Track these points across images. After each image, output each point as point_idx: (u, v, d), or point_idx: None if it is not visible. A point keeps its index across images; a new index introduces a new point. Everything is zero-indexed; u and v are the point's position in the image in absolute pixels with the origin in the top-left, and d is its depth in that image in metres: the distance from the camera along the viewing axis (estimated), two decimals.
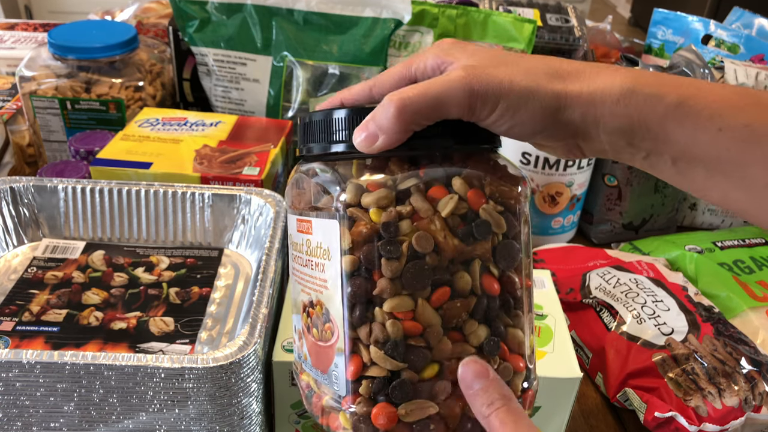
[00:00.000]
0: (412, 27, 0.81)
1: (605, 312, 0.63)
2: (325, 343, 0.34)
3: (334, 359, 0.33)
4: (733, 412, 0.54)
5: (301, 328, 0.37)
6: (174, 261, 0.58)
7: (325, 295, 0.34)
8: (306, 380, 0.38)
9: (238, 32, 0.78)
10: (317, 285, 0.35)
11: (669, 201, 0.85)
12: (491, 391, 0.32)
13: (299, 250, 0.37)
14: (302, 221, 0.36)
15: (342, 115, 0.34)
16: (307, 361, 0.37)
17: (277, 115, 0.80)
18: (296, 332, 0.39)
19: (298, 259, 0.37)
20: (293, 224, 0.37)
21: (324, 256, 0.34)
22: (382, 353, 0.32)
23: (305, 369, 0.38)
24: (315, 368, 0.36)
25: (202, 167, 0.63)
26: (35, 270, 0.55)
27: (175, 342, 0.49)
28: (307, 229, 0.35)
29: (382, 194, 0.32)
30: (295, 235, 0.37)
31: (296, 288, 0.38)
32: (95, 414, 0.41)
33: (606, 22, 1.11)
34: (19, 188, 0.58)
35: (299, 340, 0.38)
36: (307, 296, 0.36)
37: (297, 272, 0.37)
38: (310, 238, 0.35)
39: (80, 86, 0.76)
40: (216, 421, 0.42)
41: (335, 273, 0.33)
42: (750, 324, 0.65)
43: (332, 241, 0.33)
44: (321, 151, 0.35)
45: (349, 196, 0.33)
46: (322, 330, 0.34)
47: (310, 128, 0.36)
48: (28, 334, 0.49)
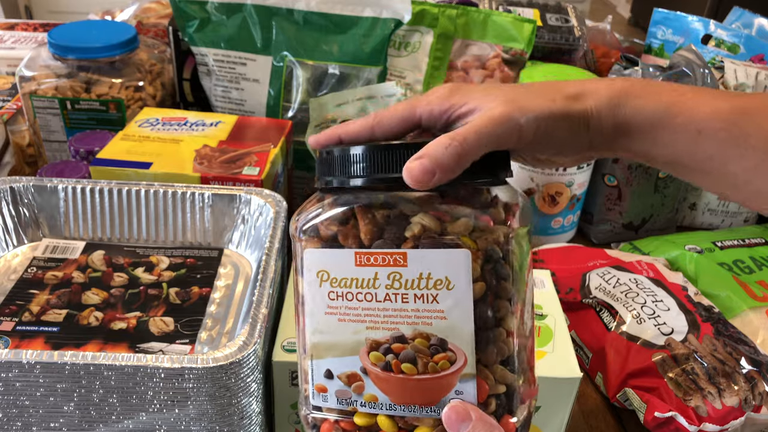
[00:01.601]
0: (412, 27, 0.81)
1: (605, 312, 0.63)
2: (437, 374, 0.34)
3: (456, 386, 0.34)
4: (732, 412, 0.54)
5: (364, 368, 0.35)
6: (174, 261, 0.58)
7: (440, 325, 0.34)
8: (362, 422, 0.36)
9: (238, 32, 0.78)
10: (420, 317, 0.34)
11: (669, 201, 0.85)
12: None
13: (364, 285, 0.35)
14: (377, 254, 0.34)
15: (401, 149, 0.34)
16: (377, 402, 0.35)
17: (277, 115, 0.80)
18: (338, 377, 0.36)
19: (357, 296, 0.35)
20: (344, 258, 0.35)
21: (437, 287, 0.34)
22: (507, 370, 0.35)
23: (366, 410, 0.35)
24: (407, 405, 0.35)
25: (202, 167, 0.63)
26: (35, 270, 0.55)
27: (175, 342, 0.49)
28: (390, 261, 0.34)
29: (470, 223, 0.34)
30: (352, 271, 0.35)
31: (347, 328, 0.35)
32: (95, 414, 0.41)
33: (606, 22, 1.11)
34: (19, 188, 0.58)
35: (355, 382, 0.35)
36: (389, 332, 0.34)
37: (354, 310, 0.35)
38: (402, 270, 0.34)
39: (80, 86, 0.76)
40: (216, 421, 0.42)
41: (459, 300, 0.34)
42: (750, 324, 0.65)
43: (454, 270, 0.33)
44: (375, 183, 0.35)
45: (458, 229, 0.34)
46: (429, 362, 0.34)
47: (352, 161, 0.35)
48: (28, 334, 0.49)
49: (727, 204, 0.88)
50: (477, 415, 0.33)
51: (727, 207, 0.88)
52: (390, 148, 0.34)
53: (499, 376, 0.34)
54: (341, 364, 0.36)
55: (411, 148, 0.34)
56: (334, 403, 0.36)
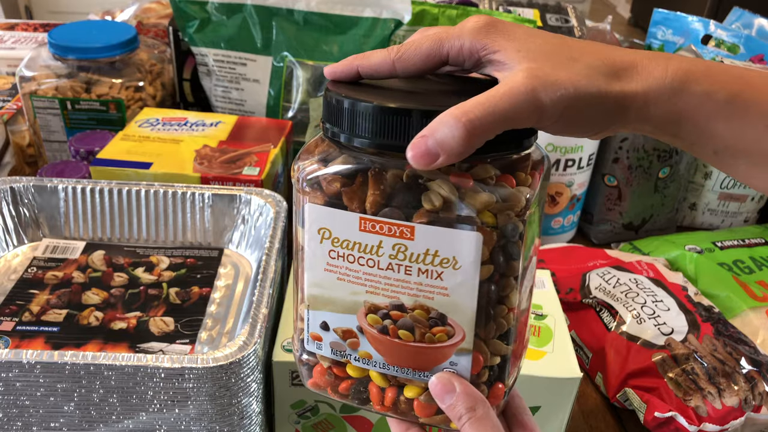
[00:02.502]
0: (412, 27, 0.81)
1: (605, 312, 0.63)
2: (433, 345, 0.34)
3: (451, 358, 0.34)
4: (732, 412, 0.54)
5: (360, 327, 0.35)
6: (174, 261, 0.58)
7: (442, 300, 0.33)
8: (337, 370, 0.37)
9: (238, 32, 0.78)
10: (422, 291, 0.34)
11: (669, 201, 0.85)
12: (459, 405, 0.33)
13: (367, 251, 0.34)
14: (383, 223, 0.33)
15: (418, 115, 0.31)
16: (371, 360, 0.35)
17: (277, 115, 0.80)
18: (334, 330, 0.36)
19: (359, 260, 0.34)
20: (348, 221, 0.34)
21: (443, 265, 0.33)
22: (503, 343, 0.35)
23: (359, 365, 0.36)
24: (400, 367, 0.35)
25: (202, 167, 0.63)
26: (35, 270, 0.55)
27: (175, 342, 0.49)
28: (397, 233, 0.33)
29: (492, 199, 0.32)
30: (355, 235, 0.34)
31: (346, 287, 0.35)
32: (95, 414, 0.41)
33: (606, 22, 1.11)
34: (19, 188, 0.58)
35: (350, 338, 0.36)
36: (388, 299, 0.34)
37: (355, 273, 0.34)
38: (408, 243, 0.33)
39: (80, 86, 0.76)
40: (216, 421, 0.42)
41: (464, 280, 0.33)
42: (750, 324, 0.65)
43: (462, 251, 0.32)
44: (386, 149, 0.32)
45: (479, 205, 0.31)
46: (427, 333, 0.34)
47: (374, 117, 0.32)
48: (28, 334, 0.49)
49: (727, 204, 0.88)
50: (462, 388, 0.34)
51: (727, 207, 0.88)
52: (405, 113, 0.31)
53: (495, 349, 0.35)
54: (338, 319, 0.36)
55: (430, 115, 0.31)
56: (328, 353, 0.36)
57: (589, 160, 0.78)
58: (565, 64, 0.32)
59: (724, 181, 0.86)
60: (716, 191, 0.87)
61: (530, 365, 0.48)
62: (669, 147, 0.80)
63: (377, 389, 0.36)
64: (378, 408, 0.36)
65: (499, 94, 0.31)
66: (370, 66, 0.35)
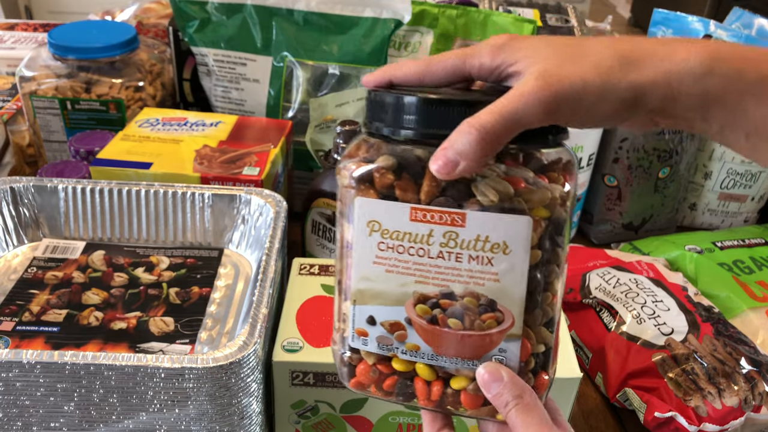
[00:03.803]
0: (412, 27, 0.81)
1: (605, 312, 0.63)
2: (483, 332, 0.35)
3: (500, 345, 0.35)
4: (732, 412, 0.54)
5: (408, 319, 0.36)
6: (174, 261, 0.58)
7: (492, 286, 0.35)
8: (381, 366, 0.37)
9: (238, 32, 0.78)
10: (473, 277, 0.35)
11: (669, 201, 0.85)
12: (505, 393, 0.34)
13: (417, 240, 0.35)
14: (435, 212, 0.34)
15: (459, 105, 0.33)
16: (419, 351, 0.36)
17: (277, 115, 0.80)
18: (381, 324, 0.36)
19: (409, 250, 0.35)
20: (399, 212, 0.35)
21: (494, 250, 0.34)
22: (548, 330, 0.36)
23: (407, 357, 0.36)
24: (449, 357, 0.36)
25: (202, 167, 0.63)
26: (35, 270, 0.55)
27: (175, 342, 0.49)
28: (448, 221, 0.34)
29: (547, 195, 0.34)
30: (406, 225, 0.35)
31: (394, 279, 0.36)
32: (95, 414, 0.41)
33: (606, 22, 1.11)
34: (19, 188, 0.58)
35: (398, 331, 0.36)
36: (438, 288, 0.35)
37: (404, 264, 0.35)
38: (460, 231, 0.34)
39: (80, 86, 0.76)
40: (216, 421, 0.42)
41: (515, 265, 0.34)
42: (750, 324, 0.65)
43: (514, 236, 0.34)
44: (429, 138, 0.34)
45: (539, 200, 0.33)
46: (476, 320, 0.35)
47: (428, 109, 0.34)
48: (28, 334, 0.49)
49: (727, 204, 0.88)
50: (509, 377, 0.34)
51: (727, 207, 0.88)
52: (447, 104, 0.33)
53: (541, 336, 0.36)
54: (385, 312, 0.36)
55: (470, 104, 0.33)
56: (374, 348, 0.37)
57: (589, 160, 0.78)
58: (573, 61, 0.33)
59: (724, 181, 0.86)
60: (716, 191, 0.87)
61: None
62: (669, 147, 0.80)
63: (423, 383, 0.36)
64: (423, 403, 0.37)
65: (509, 99, 0.32)
66: (401, 74, 0.37)
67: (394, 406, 0.48)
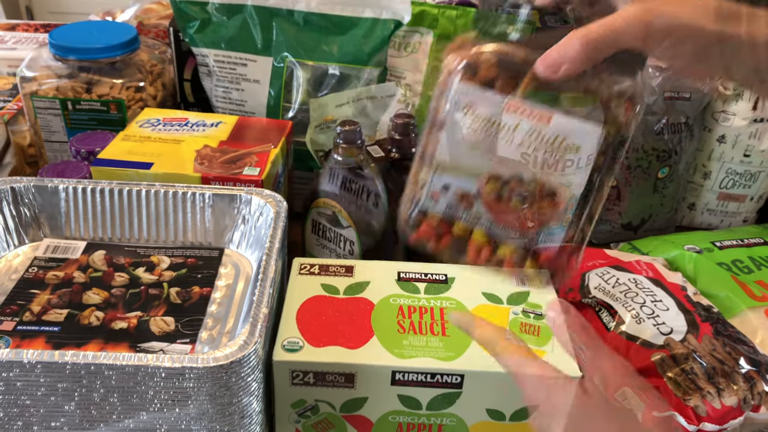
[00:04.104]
0: (412, 27, 0.81)
1: (604, 312, 0.63)
2: (537, 213, 0.43)
3: (550, 228, 0.44)
4: (732, 411, 0.54)
5: (479, 191, 0.43)
6: (175, 261, 0.58)
7: (557, 179, 0.42)
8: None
9: (239, 33, 0.78)
10: (543, 169, 0.41)
11: (668, 201, 0.85)
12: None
13: (505, 129, 0.41)
14: (526, 107, 0.40)
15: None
16: (479, 220, 0.44)
17: (278, 115, 0.80)
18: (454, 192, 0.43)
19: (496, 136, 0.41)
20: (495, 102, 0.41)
21: (567, 150, 0.41)
22: (588, 224, 0.46)
23: (468, 224, 0.44)
24: (504, 228, 0.43)
25: (203, 167, 0.63)
26: (36, 270, 0.56)
27: (176, 342, 0.49)
28: (537, 118, 0.40)
29: (617, 110, 0.41)
30: (498, 114, 0.41)
31: (476, 157, 0.42)
32: (96, 413, 0.42)
33: None
34: (20, 188, 0.58)
35: (466, 200, 0.44)
36: (510, 172, 0.42)
37: (488, 146, 0.42)
38: (543, 128, 0.40)
39: (81, 87, 0.76)
40: (216, 420, 0.42)
41: (581, 165, 0.42)
42: (749, 324, 0.65)
43: (586, 140, 0.41)
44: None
45: (612, 117, 0.40)
46: (534, 203, 0.42)
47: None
48: (28, 333, 0.49)
49: (726, 204, 0.88)
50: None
51: (726, 207, 0.89)
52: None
53: (581, 228, 0.43)
54: (459, 182, 0.43)
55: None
56: (441, 210, 0.44)
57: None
58: (673, 3, 0.38)
59: (723, 181, 0.86)
60: (715, 191, 0.87)
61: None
62: (668, 147, 0.80)
63: (475, 246, 0.44)
64: (471, 261, 0.45)
65: (614, 17, 0.38)
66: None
67: (394, 405, 0.48)
